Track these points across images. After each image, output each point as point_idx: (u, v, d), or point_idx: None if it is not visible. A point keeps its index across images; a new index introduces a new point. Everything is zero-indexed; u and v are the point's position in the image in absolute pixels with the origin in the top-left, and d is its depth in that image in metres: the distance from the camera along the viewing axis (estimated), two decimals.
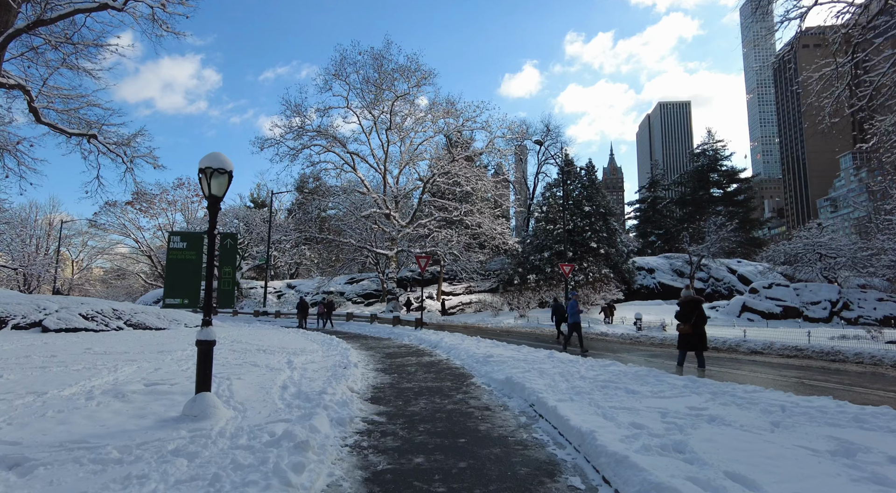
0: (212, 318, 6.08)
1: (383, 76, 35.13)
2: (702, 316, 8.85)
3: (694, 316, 8.82)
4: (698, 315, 8.82)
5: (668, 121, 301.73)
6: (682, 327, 8.99)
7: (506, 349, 11.75)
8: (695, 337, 8.83)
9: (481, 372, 8.92)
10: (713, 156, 63.62)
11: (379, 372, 9.60)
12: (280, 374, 8.80)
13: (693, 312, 8.88)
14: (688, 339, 8.95)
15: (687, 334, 8.94)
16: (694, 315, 8.83)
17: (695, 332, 8.80)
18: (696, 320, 8.80)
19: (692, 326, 8.79)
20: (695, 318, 8.80)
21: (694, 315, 8.83)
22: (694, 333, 8.81)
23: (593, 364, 9.09)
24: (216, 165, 6.09)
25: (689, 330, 8.85)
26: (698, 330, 8.82)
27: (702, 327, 8.85)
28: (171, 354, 12.38)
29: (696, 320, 8.80)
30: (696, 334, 8.82)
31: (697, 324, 8.80)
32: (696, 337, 8.83)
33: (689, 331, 8.84)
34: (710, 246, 40.48)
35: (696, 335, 8.82)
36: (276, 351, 12.66)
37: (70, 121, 22.07)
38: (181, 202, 73.09)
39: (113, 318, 19.61)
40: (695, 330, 8.80)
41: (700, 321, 8.83)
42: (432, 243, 36.17)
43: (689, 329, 8.85)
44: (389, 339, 17.49)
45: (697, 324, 8.80)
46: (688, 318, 8.89)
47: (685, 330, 8.92)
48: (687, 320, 8.90)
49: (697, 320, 8.80)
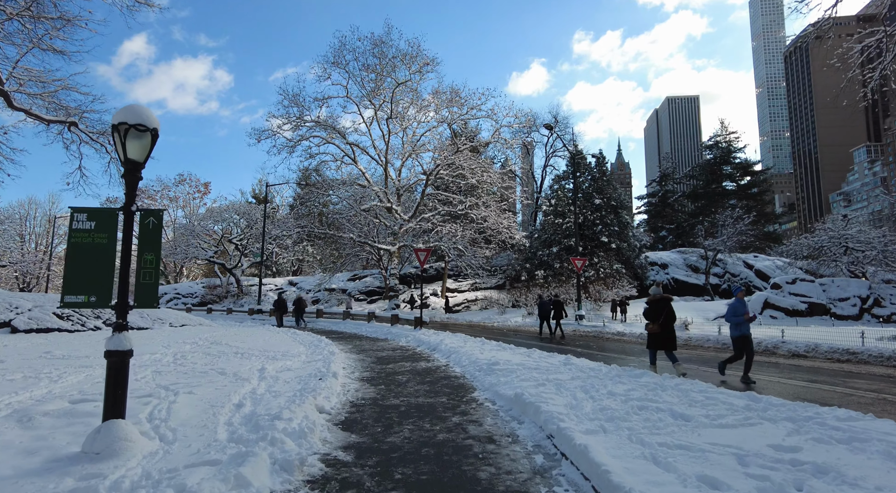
0: (127, 322, 4.61)
1: (384, 63, 33.57)
2: (670, 315, 8.78)
3: (662, 315, 8.75)
4: (667, 314, 8.75)
5: (676, 116, 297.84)
6: (651, 327, 8.89)
7: (514, 354, 10.23)
8: (663, 336, 8.75)
9: (485, 384, 7.41)
10: (726, 148, 61.64)
11: (363, 383, 8.11)
12: (244, 386, 7.35)
13: (662, 310, 8.78)
14: (656, 338, 8.85)
15: (655, 334, 8.84)
16: (662, 314, 8.75)
17: (663, 330, 8.74)
18: (665, 318, 8.74)
19: (661, 325, 8.72)
20: (663, 317, 8.73)
21: (662, 314, 8.75)
22: (662, 331, 8.74)
23: (620, 375, 7.56)
24: (134, 120, 4.60)
25: (657, 329, 8.76)
26: (667, 328, 8.75)
27: (671, 325, 8.79)
28: (137, 357, 10.94)
29: (665, 318, 8.74)
30: (665, 333, 8.75)
31: (666, 322, 8.75)
32: (665, 336, 8.74)
33: (658, 330, 8.75)
34: (726, 240, 38.72)
35: (664, 334, 8.75)
36: (255, 355, 11.23)
37: (48, 107, 20.73)
38: (182, 199, 72.35)
39: (91, 317, 18.28)
40: (663, 329, 8.73)
41: (668, 320, 8.76)
42: (436, 238, 34.64)
43: (657, 329, 8.76)
44: (385, 340, 16.01)
45: (666, 322, 8.75)
46: (656, 317, 8.80)
47: (653, 329, 8.83)
48: (655, 318, 8.82)
49: (666, 319, 8.74)
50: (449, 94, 34.97)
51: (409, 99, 35.36)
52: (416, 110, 35.85)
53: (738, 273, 43.61)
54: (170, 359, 10.72)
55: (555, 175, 45.23)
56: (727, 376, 8.62)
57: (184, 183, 70.97)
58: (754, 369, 8.94)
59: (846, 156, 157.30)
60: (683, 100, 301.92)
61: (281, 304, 23.09)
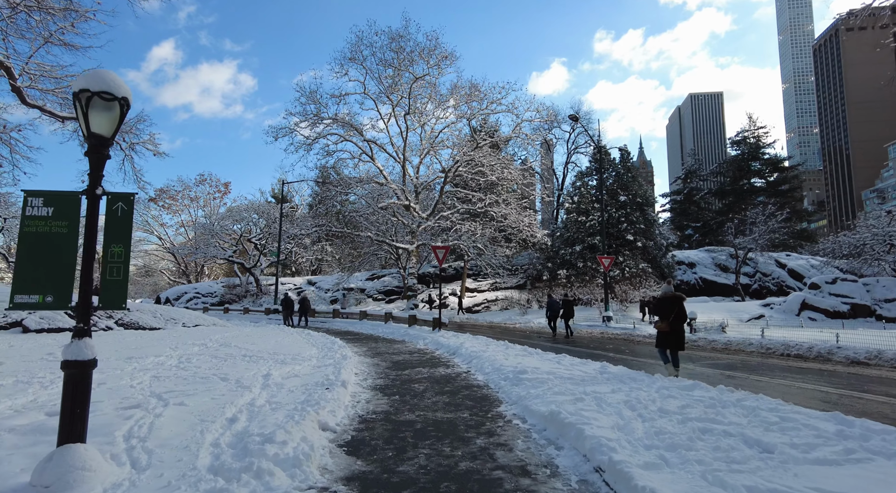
0: (90, 327, 3.86)
1: (401, 58, 32.87)
2: (681, 314, 8.50)
3: (672, 314, 8.47)
4: (677, 313, 8.47)
5: (699, 113, 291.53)
6: (660, 325, 8.65)
7: (542, 360, 9.32)
8: (672, 335, 8.49)
9: (512, 396, 6.54)
10: (754, 144, 59.43)
11: (376, 392, 7.31)
12: (243, 395, 6.61)
13: (671, 309, 8.52)
14: (665, 337, 8.59)
15: (664, 332, 8.59)
16: (672, 313, 8.48)
17: (672, 330, 8.48)
18: (675, 317, 8.46)
19: (670, 324, 8.45)
20: (673, 315, 8.46)
21: (672, 313, 8.48)
22: (671, 331, 8.48)
23: (667, 386, 6.61)
24: (98, 86, 3.85)
25: (666, 328, 8.51)
26: (676, 328, 8.48)
27: (680, 325, 8.53)
28: (140, 361, 10.39)
29: (675, 317, 8.46)
30: (674, 333, 8.49)
31: (675, 322, 8.47)
32: (673, 335, 8.49)
33: (667, 329, 8.50)
34: (757, 238, 37.01)
35: (672, 334, 8.49)
36: (263, 358, 10.54)
37: (62, 103, 20.47)
38: (203, 199, 72.78)
39: (103, 317, 17.88)
40: (672, 328, 8.47)
41: (678, 319, 8.48)
42: (455, 237, 33.78)
43: (666, 327, 8.51)
44: (402, 342, 15.20)
45: (675, 322, 8.47)
46: (666, 315, 8.55)
47: (662, 328, 8.58)
48: (665, 317, 8.55)
49: (676, 318, 8.46)
50: (468, 89, 34.18)
51: (427, 94, 34.68)
52: (434, 106, 35.17)
53: (770, 272, 41.81)
54: (174, 362, 10.09)
55: (577, 172, 43.95)
56: (786, 385, 7.60)
57: (204, 183, 71.30)
58: (812, 378, 7.88)
59: (880, 152, 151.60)
60: (707, 96, 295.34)
61: (288, 303, 23.61)
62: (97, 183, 3.94)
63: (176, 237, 71.28)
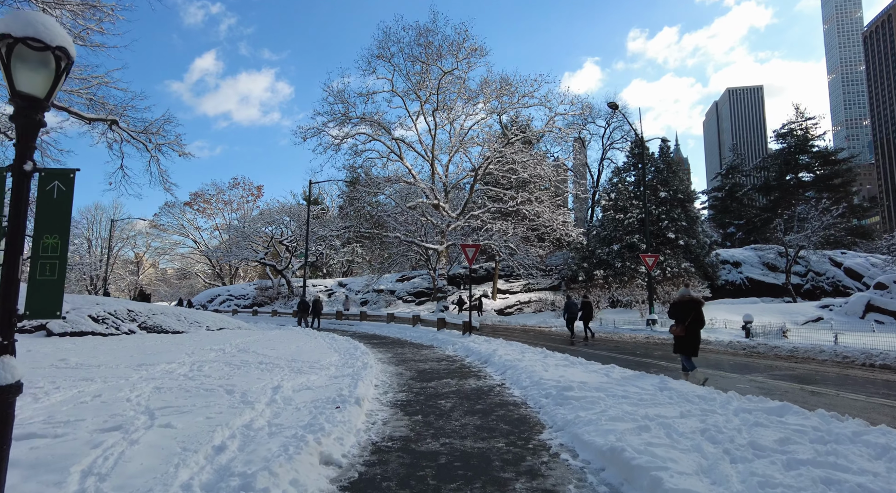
0: (12, 341, 2.97)
1: (429, 52, 32.00)
2: (697, 319, 8.23)
3: (689, 318, 8.22)
4: (693, 318, 8.21)
5: (737, 108, 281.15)
6: (675, 329, 8.37)
7: (587, 372, 8.15)
8: (688, 340, 8.24)
9: (557, 419, 5.43)
10: (802, 136, 56.02)
11: (396, 410, 6.31)
12: (243, 413, 5.72)
13: (687, 313, 8.29)
14: (682, 341, 8.35)
15: (679, 337, 8.34)
16: (689, 317, 8.23)
17: (688, 334, 8.23)
18: (692, 322, 8.21)
19: (685, 328, 8.21)
20: (689, 320, 8.20)
21: (689, 317, 8.23)
22: (687, 335, 8.23)
23: (749, 410, 5.38)
24: (23, 32, 2.96)
25: (681, 332, 8.26)
26: (693, 332, 8.24)
27: (697, 330, 8.29)
28: (150, 368, 9.74)
29: (692, 322, 8.21)
30: (689, 338, 8.23)
31: (692, 327, 8.23)
32: (689, 340, 8.23)
33: (682, 333, 8.26)
34: (810, 235, 34.52)
35: (688, 338, 8.23)
36: (279, 366, 9.73)
37: (88, 105, 20.37)
38: (237, 202, 73.76)
39: (126, 320, 17.54)
40: (688, 332, 8.22)
41: (695, 324, 8.23)
42: (486, 236, 32.65)
43: (681, 332, 8.26)
44: (430, 347, 14.19)
45: (692, 327, 8.23)
46: (681, 319, 8.29)
47: (678, 332, 8.31)
48: (681, 321, 8.30)
49: (692, 323, 8.21)
50: (498, 83, 33.04)
51: (455, 90, 33.71)
52: (463, 102, 34.13)
53: (824, 272, 39.09)
54: (184, 371, 9.37)
55: (614, 168, 42.21)
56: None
57: (237, 186, 72.38)
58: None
59: None
60: (746, 91, 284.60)
61: (304, 306, 24.18)
62: (26, 156, 3.05)
63: (210, 240, 72.52)
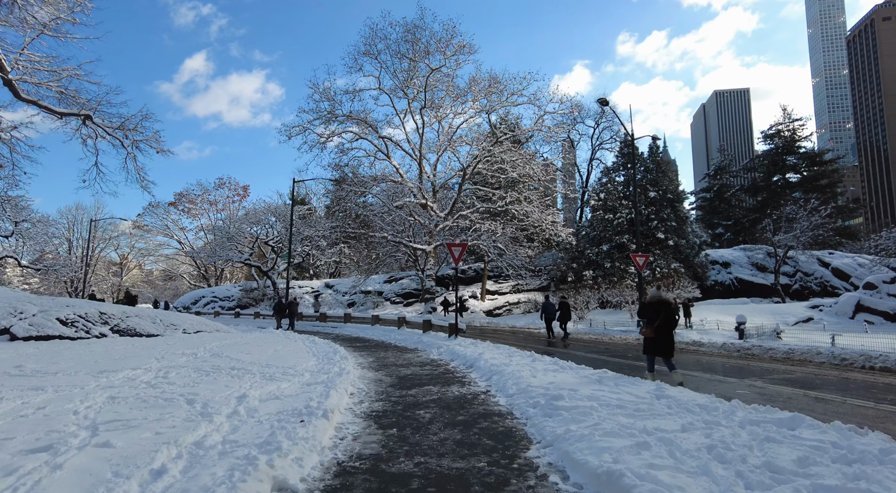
0: None
1: (417, 49, 31.43)
2: (668, 320, 8.22)
3: (658, 319, 8.21)
4: (664, 319, 8.19)
5: (724, 110, 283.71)
6: (645, 331, 8.43)
7: (578, 377, 7.63)
8: (659, 341, 8.21)
9: (545, 433, 4.89)
10: (789, 137, 56.34)
11: (369, 422, 5.74)
12: (197, 428, 5.11)
13: (657, 314, 8.27)
14: (651, 343, 8.36)
15: (650, 338, 8.36)
16: (658, 318, 8.22)
17: (657, 335, 8.21)
18: (662, 323, 8.19)
19: (654, 329, 8.21)
20: (659, 321, 8.19)
21: (658, 318, 8.22)
22: (657, 336, 8.22)
23: (757, 421, 4.88)
24: None
25: (650, 334, 8.29)
26: (664, 334, 8.20)
27: (669, 331, 8.26)
28: (112, 375, 9.06)
29: (662, 323, 8.19)
30: (661, 338, 8.19)
31: (663, 327, 8.19)
32: (661, 341, 8.20)
33: (651, 335, 8.28)
34: (799, 235, 34.47)
35: (660, 339, 8.20)
36: (251, 372, 9.11)
37: (59, 99, 19.53)
38: (222, 202, 72.56)
39: (98, 323, 16.73)
40: (658, 333, 8.20)
41: (666, 325, 8.21)
42: (474, 236, 32.14)
43: (650, 333, 8.29)
44: (414, 351, 13.61)
45: (663, 327, 8.19)
46: (652, 320, 8.29)
47: (647, 334, 8.38)
48: (650, 322, 8.31)
49: (663, 324, 8.19)
50: (487, 81, 32.53)
51: (444, 87, 33.13)
52: (451, 100, 33.56)
53: (812, 272, 39.16)
54: (148, 377, 8.71)
55: (603, 168, 41.97)
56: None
57: (223, 187, 71.17)
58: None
59: None
60: (732, 93, 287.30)
61: (280, 307, 23.90)
62: None
63: (195, 241, 71.28)
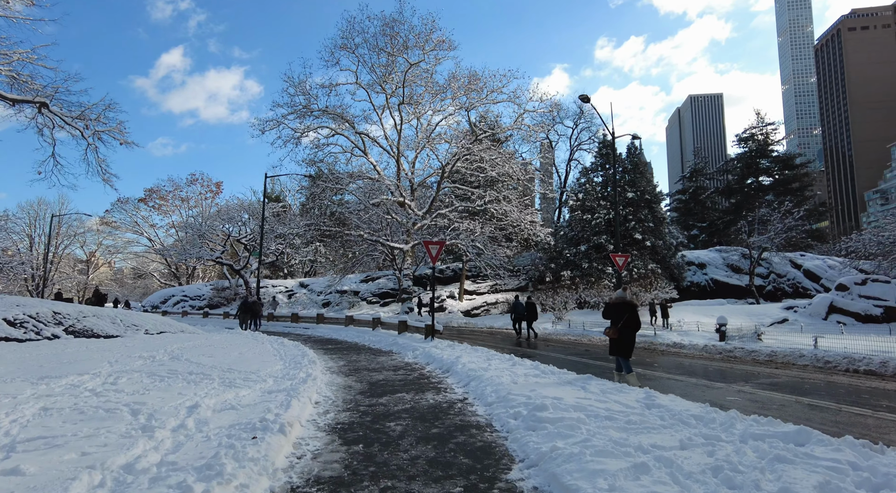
0: None
1: (395, 43, 30.78)
2: (631, 322, 8.25)
3: (621, 320, 8.27)
4: (627, 320, 8.24)
5: (699, 114, 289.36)
6: (609, 331, 8.48)
7: (562, 383, 7.15)
8: (621, 342, 8.30)
9: (529, 450, 4.37)
10: (763, 140, 57.42)
11: (333, 437, 5.15)
12: (133, 446, 4.44)
13: (620, 315, 8.34)
14: (614, 343, 8.43)
15: (613, 339, 8.43)
16: (621, 319, 8.28)
17: (621, 336, 8.28)
18: (625, 324, 8.24)
19: (618, 330, 8.27)
20: (622, 322, 8.25)
21: (621, 319, 8.28)
22: (620, 337, 8.29)
23: (759, 435, 4.45)
24: None
25: (614, 335, 8.35)
26: (627, 335, 8.28)
27: (632, 332, 8.32)
28: (53, 382, 8.25)
29: (625, 324, 8.24)
30: (623, 339, 8.28)
31: (626, 329, 8.25)
32: (622, 342, 8.29)
33: (615, 335, 8.34)
34: (773, 237, 34.92)
35: (622, 340, 8.29)
36: (210, 377, 8.41)
37: (11, 84, 18.35)
38: (194, 199, 70.50)
39: (51, 323, 15.69)
40: (622, 334, 8.27)
41: (629, 327, 8.26)
42: (453, 236, 31.64)
43: (614, 334, 8.35)
44: (388, 353, 13.00)
45: (626, 329, 8.25)
46: (615, 321, 8.36)
47: (611, 334, 8.43)
48: (614, 322, 8.38)
49: (626, 325, 8.25)
50: (467, 78, 32.09)
51: (423, 83, 32.54)
52: (431, 96, 33.01)
53: (785, 273, 39.76)
54: (94, 384, 7.95)
55: (582, 168, 41.88)
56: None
57: (196, 183, 69.14)
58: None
59: (883, 152, 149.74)
60: (706, 98, 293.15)
61: (245, 307, 23.26)
62: None
63: (166, 239, 69.03)
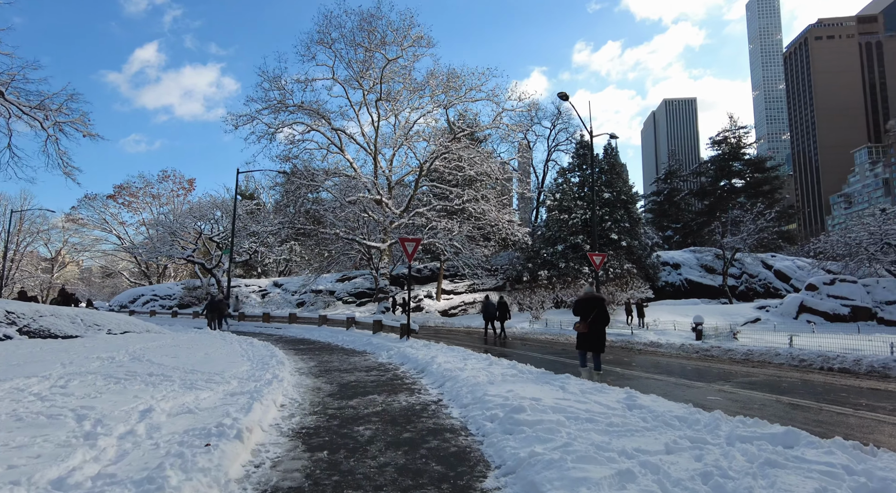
0: None
1: (373, 38, 30.30)
2: (601, 317, 8.50)
3: (591, 315, 8.46)
4: (597, 315, 8.46)
5: (673, 118, 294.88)
6: (578, 326, 8.65)
7: (540, 384, 6.90)
8: (592, 337, 8.50)
9: (506, 455, 4.09)
10: (735, 143, 58.63)
11: (296, 442, 4.78)
12: (71, 456, 3.99)
13: (590, 310, 8.52)
14: (585, 338, 8.61)
15: (583, 334, 8.61)
16: (591, 314, 8.47)
17: (591, 331, 8.47)
18: (595, 319, 8.45)
19: (588, 325, 8.45)
20: (592, 317, 8.44)
21: (591, 314, 8.47)
22: (591, 332, 8.47)
23: (748, 437, 4.25)
24: None
25: (584, 329, 8.53)
26: (596, 330, 8.49)
27: (601, 327, 8.55)
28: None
29: (595, 319, 8.45)
30: (594, 334, 8.48)
31: (596, 324, 8.46)
32: (594, 337, 8.50)
33: (585, 330, 8.52)
34: (746, 238, 35.55)
35: (592, 335, 8.49)
36: (171, 379, 7.92)
37: None
38: (166, 196, 68.55)
39: (3, 323, 14.83)
40: (591, 329, 8.45)
41: (599, 321, 8.48)
42: (431, 235, 31.30)
43: (584, 329, 8.52)
44: (362, 354, 12.61)
45: (596, 324, 8.46)
46: (585, 316, 8.54)
47: (581, 329, 8.60)
48: (584, 318, 8.55)
49: (596, 320, 8.45)
50: (445, 75, 31.77)
51: (401, 80, 32.13)
52: (409, 93, 32.62)
53: (757, 274, 40.54)
54: (41, 388, 7.38)
55: (559, 168, 42.02)
56: None
57: (167, 180, 67.20)
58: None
59: (847, 157, 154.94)
60: (681, 102, 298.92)
61: (213, 306, 22.94)
62: None
63: (136, 237, 66.95)
